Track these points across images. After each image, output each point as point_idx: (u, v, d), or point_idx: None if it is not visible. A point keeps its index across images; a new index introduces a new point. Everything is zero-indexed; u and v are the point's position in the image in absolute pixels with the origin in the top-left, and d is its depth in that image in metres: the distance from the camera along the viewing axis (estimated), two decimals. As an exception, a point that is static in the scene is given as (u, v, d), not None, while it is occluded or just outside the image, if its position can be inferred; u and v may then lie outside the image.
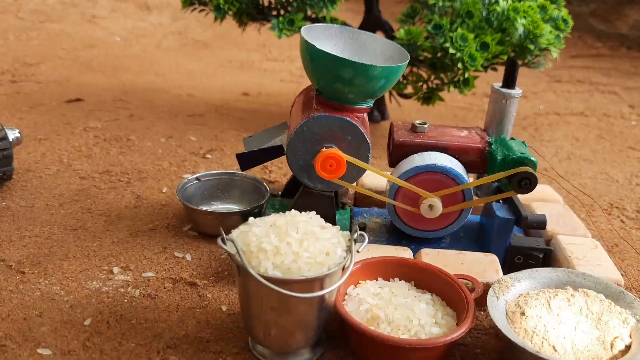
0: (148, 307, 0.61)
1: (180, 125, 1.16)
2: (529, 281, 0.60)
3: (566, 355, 0.51)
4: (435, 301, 0.58)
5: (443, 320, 0.55)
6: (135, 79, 1.49)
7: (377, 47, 0.69)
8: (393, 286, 0.59)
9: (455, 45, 0.94)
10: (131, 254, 0.70)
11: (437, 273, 0.60)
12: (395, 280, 0.61)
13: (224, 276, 0.67)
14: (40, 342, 0.55)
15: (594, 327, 0.54)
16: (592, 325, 0.54)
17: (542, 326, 0.54)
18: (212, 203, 0.80)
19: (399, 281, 0.61)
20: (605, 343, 0.52)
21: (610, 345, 0.52)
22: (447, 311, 0.57)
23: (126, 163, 0.95)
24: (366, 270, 0.61)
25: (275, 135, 0.73)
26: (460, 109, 1.42)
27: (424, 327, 0.53)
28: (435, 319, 0.55)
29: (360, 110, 0.65)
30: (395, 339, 0.51)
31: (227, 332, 0.58)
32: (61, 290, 0.62)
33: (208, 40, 2.01)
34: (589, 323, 0.54)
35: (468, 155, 0.70)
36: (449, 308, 0.58)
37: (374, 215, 0.76)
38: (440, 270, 0.60)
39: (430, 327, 0.53)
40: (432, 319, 0.54)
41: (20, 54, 1.60)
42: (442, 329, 0.54)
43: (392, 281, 0.61)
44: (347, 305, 0.57)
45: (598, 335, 0.53)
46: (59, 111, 1.19)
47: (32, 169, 0.91)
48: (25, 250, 0.69)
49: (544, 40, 0.96)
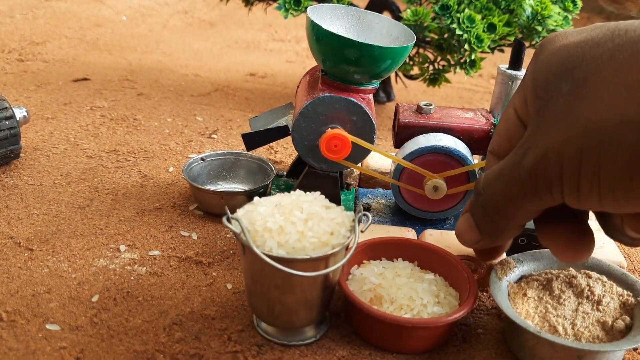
0: (154, 284, 0.62)
1: (186, 105, 1.16)
2: (532, 263, 0.60)
3: (567, 336, 0.52)
4: (438, 281, 0.58)
5: (445, 300, 0.55)
6: (141, 58, 1.49)
7: (383, 28, 0.68)
8: (396, 266, 0.59)
9: (462, 26, 0.94)
10: (138, 233, 0.71)
11: (440, 254, 0.60)
12: (398, 260, 0.62)
13: (229, 255, 0.68)
14: (49, 318, 0.56)
15: (595, 308, 0.54)
16: (593, 307, 0.54)
17: (543, 307, 0.54)
18: (217, 183, 0.81)
19: (403, 261, 0.61)
20: (606, 324, 0.53)
21: (611, 327, 0.52)
22: (449, 291, 0.57)
23: (133, 142, 0.96)
24: (370, 250, 0.61)
25: (281, 115, 0.73)
26: (466, 90, 1.42)
27: (426, 306, 0.54)
28: (437, 298, 0.55)
29: (365, 91, 0.65)
30: (398, 318, 0.51)
31: (232, 310, 0.59)
32: (69, 268, 0.63)
33: (214, 19, 2.00)
34: (590, 305, 0.55)
35: (473, 137, 0.70)
36: (451, 288, 0.58)
37: (378, 196, 0.77)
38: (444, 251, 0.60)
39: (433, 306, 0.54)
40: (435, 299, 0.55)
41: (26, 32, 1.60)
42: (445, 308, 0.54)
43: (396, 261, 0.61)
44: (351, 285, 0.57)
45: (599, 316, 0.53)
46: (65, 90, 1.19)
47: (40, 148, 0.91)
48: (34, 228, 0.70)
49: (552, 22, 0.96)
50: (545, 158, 0.42)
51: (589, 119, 0.40)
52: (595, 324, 0.53)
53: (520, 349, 0.54)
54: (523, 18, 0.97)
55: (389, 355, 0.54)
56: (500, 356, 0.55)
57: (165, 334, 0.55)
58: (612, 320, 0.53)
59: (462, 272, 0.57)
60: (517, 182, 0.46)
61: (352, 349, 0.55)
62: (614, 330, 0.52)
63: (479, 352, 0.56)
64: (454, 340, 0.57)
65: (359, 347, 0.55)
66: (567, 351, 0.50)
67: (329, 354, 0.54)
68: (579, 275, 0.58)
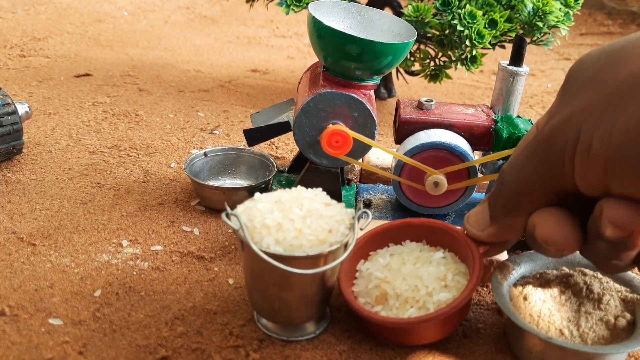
0: (156, 279, 0.62)
1: (188, 100, 1.16)
2: (528, 264, 0.60)
3: (573, 339, 0.51)
4: (447, 259, 0.56)
5: (453, 281, 0.54)
6: (143, 54, 1.49)
7: (384, 24, 0.69)
8: (404, 251, 0.58)
9: (463, 22, 0.94)
10: (140, 228, 0.71)
11: (446, 229, 0.59)
12: (406, 242, 0.60)
13: (231, 250, 0.68)
14: (52, 313, 0.56)
15: (597, 307, 0.54)
16: (594, 306, 0.54)
17: (546, 310, 0.54)
18: (219, 178, 0.81)
19: (410, 243, 0.60)
20: (609, 323, 0.52)
21: (614, 325, 0.52)
22: (459, 268, 0.55)
23: (135, 138, 0.96)
24: (375, 239, 0.60)
25: (283, 111, 0.73)
26: (467, 86, 1.42)
27: (431, 294, 0.53)
28: (444, 281, 0.54)
29: (367, 87, 0.65)
30: (396, 320, 0.51)
31: (234, 305, 0.59)
32: (71, 263, 0.64)
33: (215, 15, 2.00)
34: (591, 304, 0.54)
35: (474, 133, 0.70)
36: (461, 264, 0.56)
37: (379, 192, 0.77)
38: (449, 226, 0.59)
39: (439, 292, 0.53)
40: (441, 283, 0.54)
41: (28, 28, 1.60)
42: (452, 292, 0.53)
43: (404, 244, 0.60)
44: (358, 284, 0.57)
45: (602, 315, 0.53)
46: (67, 86, 1.19)
47: (42, 143, 0.92)
48: (36, 223, 0.70)
49: (553, 18, 0.96)
50: (567, 121, 0.42)
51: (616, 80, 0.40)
52: (599, 323, 0.52)
53: (528, 353, 0.53)
54: (524, 14, 0.97)
55: (389, 351, 0.55)
56: (500, 351, 0.55)
57: (168, 329, 0.55)
58: (615, 318, 0.53)
59: (467, 246, 0.55)
60: (534, 150, 0.45)
61: (353, 344, 0.55)
62: (617, 329, 0.52)
63: (479, 346, 0.56)
64: (455, 335, 0.57)
65: (359, 341, 0.55)
66: (577, 355, 0.50)
67: (330, 349, 0.54)
68: (574, 273, 0.57)
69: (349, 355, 0.54)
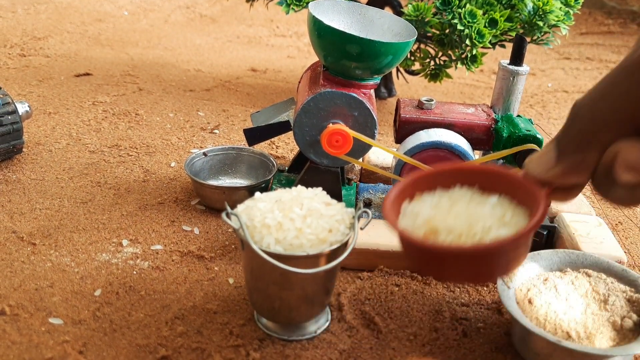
0: (157, 279, 0.62)
1: (188, 100, 1.16)
2: (532, 264, 0.60)
3: (581, 341, 0.51)
4: (503, 203, 0.51)
5: (513, 220, 0.48)
6: (143, 53, 1.49)
7: (385, 24, 0.69)
8: (452, 195, 0.52)
9: (464, 21, 0.94)
10: (140, 227, 0.71)
11: (500, 174, 0.52)
12: (455, 188, 0.53)
13: (231, 249, 0.68)
14: (52, 312, 0.56)
15: (603, 308, 0.54)
16: (600, 307, 0.54)
17: (553, 312, 0.53)
18: (219, 178, 0.81)
19: (461, 189, 0.53)
20: (616, 324, 0.52)
21: (621, 326, 0.52)
22: (517, 211, 0.50)
23: (135, 137, 0.96)
24: (421, 182, 0.53)
25: (283, 110, 0.73)
26: (467, 86, 1.42)
27: (489, 231, 0.47)
28: (504, 219, 0.49)
29: (367, 86, 0.65)
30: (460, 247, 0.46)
31: (234, 304, 0.59)
32: (72, 262, 0.64)
33: (216, 15, 2.00)
34: (597, 305, 0.54)
35: (474, 132, 0.70)
36: (521, 207, 0.50)
37: (379, 192, 0.77)
38: (503, 170, 0.52)
39: (498, 229, 0.47)
40: (499, 221, 0.48)
41: (29, 27, 1.60)
42: (513, 228, 0.47)
43: (453, 189, 0.53)
44: (402, 222, 0.50)
45: (608, 316, 0.53)
46: (67, 85, 1.19)
47: (42, 143, 0.92)
48: (36, 223, 0.70)
49: (553, 17, 0.96)
50: None
51: None
52: (605, 324, 0.52)
53: (535, 356, 0.53)
54: (524, 13, 0.97)
55: (389, 350, 0.55)
56: (500, 350, 0.55)
57: (168, 328, 0.55)
58: (621, 319, 0.52)
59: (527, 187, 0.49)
60: (625, 76, 0.42)
61: (353, 343, 0.55)
62: (624, 329, 0.52)
63: (479, 345, 0.56)
64: (455, 334, 0.57)
65: (359, 341, 0.55)
66: (585, 357, 0.50)
67: (330, 348, 0.54)
68: (579, 275, 0.57)
69: (349, 355, 0.54)
